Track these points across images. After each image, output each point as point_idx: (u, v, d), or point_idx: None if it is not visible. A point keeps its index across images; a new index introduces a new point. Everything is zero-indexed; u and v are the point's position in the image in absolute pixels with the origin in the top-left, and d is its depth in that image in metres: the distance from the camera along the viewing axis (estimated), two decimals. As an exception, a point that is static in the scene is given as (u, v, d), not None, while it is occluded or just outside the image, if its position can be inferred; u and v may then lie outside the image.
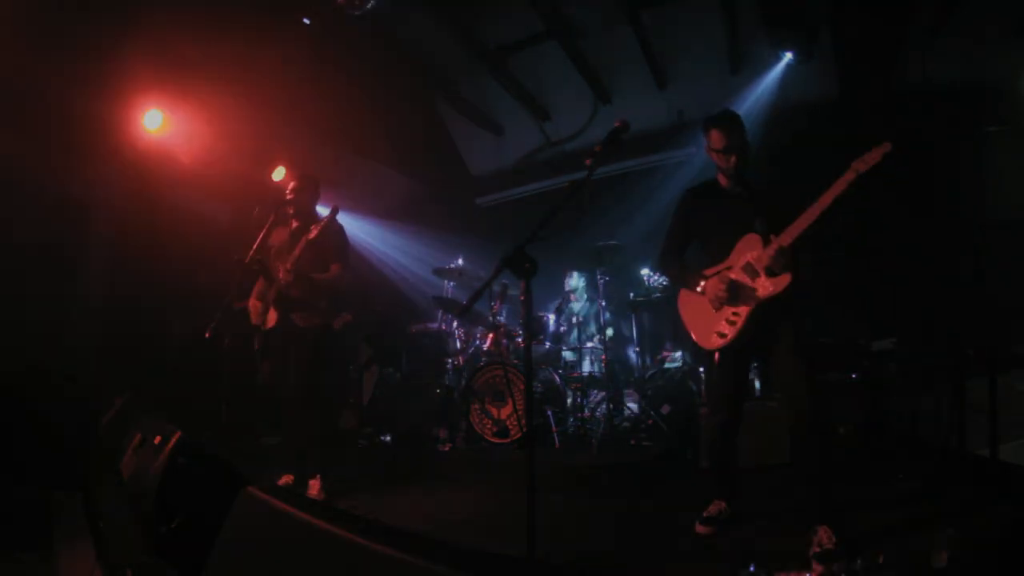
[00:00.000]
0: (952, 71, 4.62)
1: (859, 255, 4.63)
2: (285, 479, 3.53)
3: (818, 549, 2.17)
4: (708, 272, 2.61)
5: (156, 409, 2.71)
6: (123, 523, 2.19)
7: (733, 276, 2.51)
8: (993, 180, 4.36)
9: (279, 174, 5.10)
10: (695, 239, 2.80)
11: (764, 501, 3.01)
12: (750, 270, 2.49)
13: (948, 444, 3.31)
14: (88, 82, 4.26)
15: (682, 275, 2.75)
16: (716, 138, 2.60)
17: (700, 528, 2.62)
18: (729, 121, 2.61)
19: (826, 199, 2.33)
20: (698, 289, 2.62)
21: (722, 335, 2.53)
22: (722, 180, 2.72)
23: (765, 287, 2.44)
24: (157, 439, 2.12)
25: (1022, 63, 4.29)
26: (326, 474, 3.52)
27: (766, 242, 2.46)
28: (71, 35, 3.91)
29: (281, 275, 3.36)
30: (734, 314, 2.50)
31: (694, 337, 2.69)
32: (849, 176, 2.29)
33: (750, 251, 2.50)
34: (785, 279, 2.41)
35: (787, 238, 2.39)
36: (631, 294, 5.15)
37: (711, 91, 5.56)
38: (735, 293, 2.49)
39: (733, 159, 2.57)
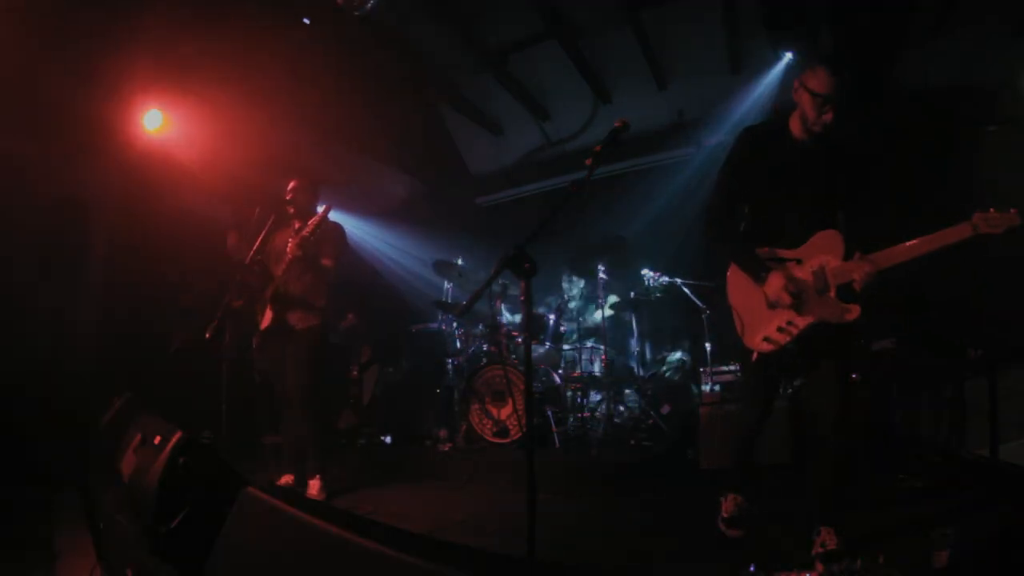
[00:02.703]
0: (952, 71, 4.62)
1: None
2: (285, 479, 3.53)
3: (821, 550, 2.12)
4: (770, 254, 2.17)
5: (156, 409, 2.71)
6: (123, 523, 2.19)
7: (801, 277, 2.13)
8: (993, 180, 4.36)
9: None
10: (751, 201, 2.30)
11: (765, 501, 3.00)
12: (820, 279, 2.11)
13: (948, 444, 3.31)
14: (88, 82, 4.26)
15: (741, 254, 2.26)
16: (821, 78, 2.16)
17: (729, 531, 2.53)
18: (839, 68, 2.19)
19: (936, 243, 2.01)
20: (761, 279, 2.19)
21: (769, 340, 2.18)
22: (796, 128, 2.25)
23: (833, 311, 2.08)
24: (157, 439, 2.12)
25: (1022, 63, 4.29)
26: (326, 474, 3.52)
27: (848, 252, 2.10)
28: (71, 35, 3.92)
29: (288, 251, 3.36)
30: (789, 323, 2.14)
31: (738, 327, 2.31)
32: (966, 231, 1.99)
33: (827, 254, 2.12)
34: (855, 311, 2.06)
35: (876, 265, 2.02)
36: (631, 293, 5.16)
37: (711, 91, 5.56)
38: (798, 299, 2.12)
39: (829, 114, 2.15)
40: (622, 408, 4.92)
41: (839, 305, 2.08)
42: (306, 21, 4.36)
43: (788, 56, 4.97)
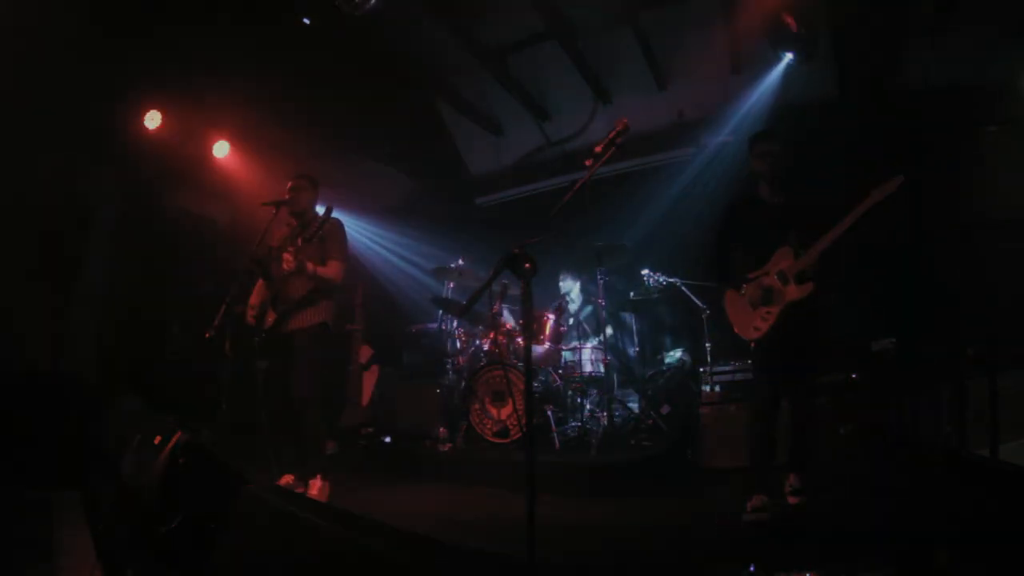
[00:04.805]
0: (952, 71, 4.61)
1: (859, 255, 4.63)
2: (285, 479, 3.53)
3: (790, 489, 2.87)
4: (750, 276, 3.06)
5: (156, 409, 2.72)
6: (123, 523, 2.19)
7: (767, 282, 2.99)
8: (993, 180, 4.36)
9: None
10: (740, 245, 3.22)
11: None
12: (782, 277, 2.95)
13: (948, 444, 3.31)
14: (89, 82, 4.26)
15: (729, 280, 3.22)
16: (757, 146, 3.11)
17: (753, 516, 2.72)
18: (768, 134, 3.21)
19: (846, 223, 2.76)
20: (741, 292, 3.08)
21: (757, 328, 3.01)
22: (763, 190, 3.12)
23: (792, 292, 2.92)
24: (157, 439, 2.12)
25: (1022, 63, 4.28)
26: (326, 474, 3.52)
27: (797, 255, 2.93)
28: (72, 35, 3.92)
29: (284, 265, 3.36)
30: (767, 312, 2.98)
31: (736, 329, 3.15)
32: (867, 203, 2.70)
33: (784, 261, 2.97)
34: (809, 287, 2.88)
35: (813, 253, 2.86)
36: (631, 294, 5.15)
37: (711, 91, 5.55)
38: (768, 295, 2.97)
39: (769, 160, 3.06)
40: (622, 408, 4.91)
41: (797, 288, 2.91)
42: (306, 21, 4.36)
43: (788, 56, 4.96)
